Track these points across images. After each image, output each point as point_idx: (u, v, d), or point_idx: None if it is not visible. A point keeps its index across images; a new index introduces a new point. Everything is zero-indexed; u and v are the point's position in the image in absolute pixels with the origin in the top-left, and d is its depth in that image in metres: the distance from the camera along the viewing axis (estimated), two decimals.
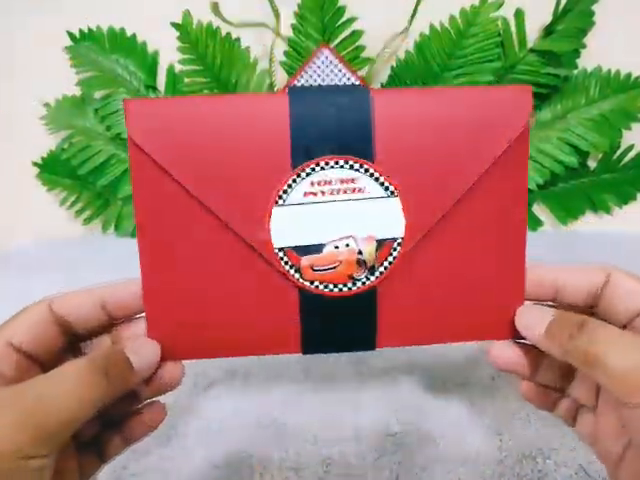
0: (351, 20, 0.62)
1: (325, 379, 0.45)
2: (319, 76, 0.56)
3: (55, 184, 0.76)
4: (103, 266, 0.66)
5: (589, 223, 0.71)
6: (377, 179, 0.26)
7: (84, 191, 0.75)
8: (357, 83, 0.55)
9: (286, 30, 0.63)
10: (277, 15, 0.61)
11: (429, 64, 0.61)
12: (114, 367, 0.23)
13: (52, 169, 0.75)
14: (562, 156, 0.64)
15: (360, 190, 0.26)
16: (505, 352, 0.28)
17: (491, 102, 0.26)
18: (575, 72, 0.64)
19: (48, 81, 0.72)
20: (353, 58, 0.63)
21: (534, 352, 0.28)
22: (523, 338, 0.27)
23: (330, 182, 0.26)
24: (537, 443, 0.37)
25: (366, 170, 0.26)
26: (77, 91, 0.71)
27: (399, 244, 0.26)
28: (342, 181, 0.26)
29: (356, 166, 0.26)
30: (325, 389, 0.44)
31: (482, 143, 0.26)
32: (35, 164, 0.75)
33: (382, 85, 0.66)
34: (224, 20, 0.61)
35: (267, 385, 0.44)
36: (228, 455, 0.37)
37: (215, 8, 0.60)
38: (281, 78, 0.66)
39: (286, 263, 0.26)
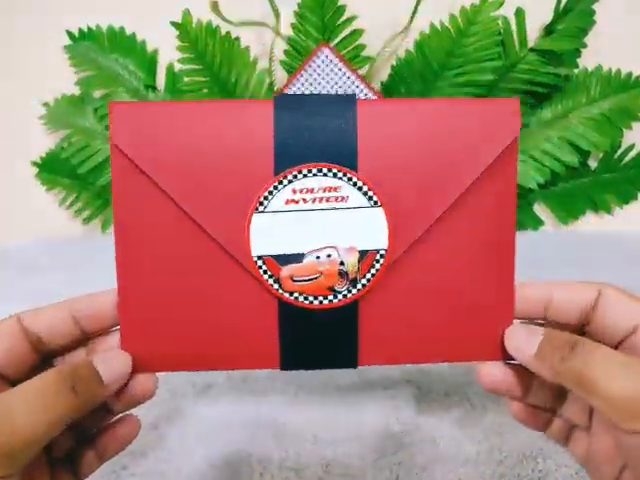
0: (351, 19, 0.62)
1: (324, 383, 0.45)
2: (319, 75, 0.56)
3: (54, 183, 0.75)
4: (102, 265, 0.66)
5: (590, 223, 0.70)
6: (360, 188, 0.25)
7: (83, 190, 0.75)
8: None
9: (286, 29, 0.63)
10: (277, 14, 0.61)
11: (429, 63, 0.61)
12: (82, 380, 0.22)
13: (51, 168, 0.75)
14: (563, 155, 0.64)
15: (343, 199, 0.25)
16: (495, 373, 0.27)
17: (478, 115, 0.26)
18: (576, 71, 0.64)
19: (47, 80, 0.72)
20: (353, 57, 0.63)
21: (525, 373, 0.27)
22: (514, 359, 0.26)
23: (313, 190, 0.25)
24: (538, 443, 0.37)
25: (349, 179, 0.25)
26: (76, 90, 0.71)
27: (382, 256, 0.25)
28: (325, 189, 0.25)
29: (339, 174, 0.25)
30: (324, 393, 0.44)
31: (468, 155, 0.25)
32: (34, 163, 0.74)
33: (382, 84, 0.65)
34: (224, 19, 0.61)
35: (266, 386, 0.44)
36: (228, 455, 0.37)
37: (215, 7, 0.60)
38: (281, 77, 0.66)
39: (265, 272, 0.25)
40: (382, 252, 0.25)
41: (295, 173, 0.25)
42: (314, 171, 0.25)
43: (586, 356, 0.22)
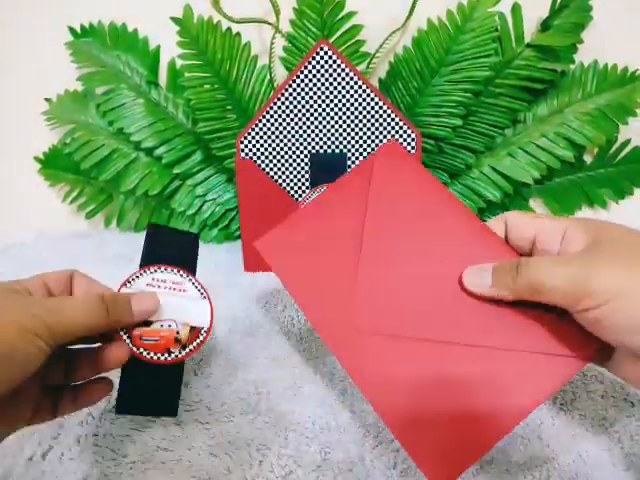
0: (350, 15, 0.62)
1: (323, 371, 0.45)
2: (318, 71, 0.56)
3: (57, 179, 0.76)
4: (106, 259, 0.67)
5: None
6: (195, 286, 0.38)
7: (87, 186, 0.75)
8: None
9: (286, 26, 0.64)
10: (277, 11, 0.62)
11: (427, 59, 0.62)
12: (117, 305, 0.31)
13: (54, 164, 0.75)
14: (558, 150, 0.65)
15: (184, 290, 0.37)
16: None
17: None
18: (572, 67, 0.65)
19: (49, 76, 0.73)
20: (352, 53, 0.64)
21: None
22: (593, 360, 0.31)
23: (165, 280, 0.37)
24: (536, 430, 0.38)
25: (190, 280, 0.38)
26: (79, 86, 0.72)
27: (205, 331, 0.37)
28: (173, 282, 0.37)
29: (183, 275, 0.38)
30: (323, 381, 0.44)
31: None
32: (37, 159, 0.75)
33: (380, 80, 0.66)
34: (224, 16, 0.62)
35: (265, 372, 0.45)
36: (227, 443, 0.38)
37: (215, 3, 0.61)
38: (281, 74, 0.66)
39: (122, 329, 0.34)
40: (205, 329, 0.37)
41: (155, 268, 0.37)
42: (168, 270, 0.37)
43: (529, 269, 0.28)
